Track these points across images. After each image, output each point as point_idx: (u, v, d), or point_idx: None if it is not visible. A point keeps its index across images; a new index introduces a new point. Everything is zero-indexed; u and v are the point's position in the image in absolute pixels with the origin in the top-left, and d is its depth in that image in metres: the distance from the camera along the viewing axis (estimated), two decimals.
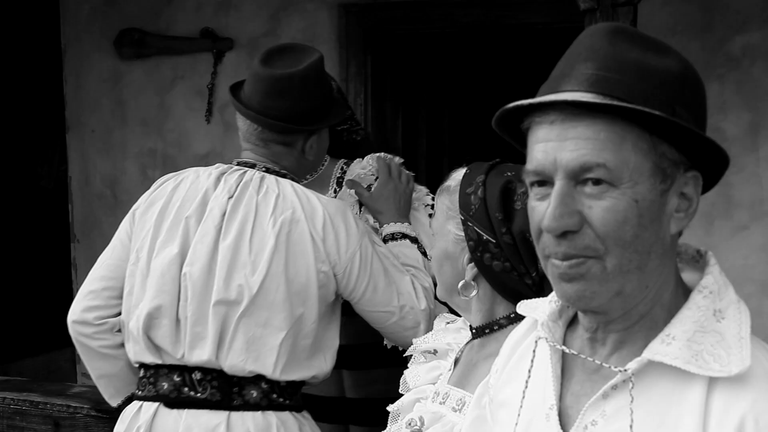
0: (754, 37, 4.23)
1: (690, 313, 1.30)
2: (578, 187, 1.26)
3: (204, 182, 2.62)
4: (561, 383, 1.40)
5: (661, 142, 1.26)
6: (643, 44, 1.29)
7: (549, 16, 4.46)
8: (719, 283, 1.33)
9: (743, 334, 1.28)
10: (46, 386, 3.59)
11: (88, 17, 5.22)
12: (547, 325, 1.43)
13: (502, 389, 1.54)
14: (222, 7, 5.02)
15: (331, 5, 4.82)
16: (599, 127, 1.25)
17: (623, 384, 1.30)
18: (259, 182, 2.59)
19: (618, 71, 1.26)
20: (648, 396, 1.29)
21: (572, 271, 1.29)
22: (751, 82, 4.23)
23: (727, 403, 1.24)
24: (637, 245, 1.27)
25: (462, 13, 4.65)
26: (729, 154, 1.30)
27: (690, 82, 1.30)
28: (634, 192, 1.25)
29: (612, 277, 1.28)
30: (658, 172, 1.26)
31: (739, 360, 1.25)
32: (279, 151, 2.65)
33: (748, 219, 4.28)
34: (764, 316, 4.23)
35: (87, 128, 5.31)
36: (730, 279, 1.38)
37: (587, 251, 1.27)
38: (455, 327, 2.26)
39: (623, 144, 1.25)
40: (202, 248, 2.53)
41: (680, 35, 4.29)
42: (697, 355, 1.26)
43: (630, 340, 1.34)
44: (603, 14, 2.88)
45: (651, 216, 1.27)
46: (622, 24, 1.36)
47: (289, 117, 2.58)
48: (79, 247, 5.39)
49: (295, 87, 2.56)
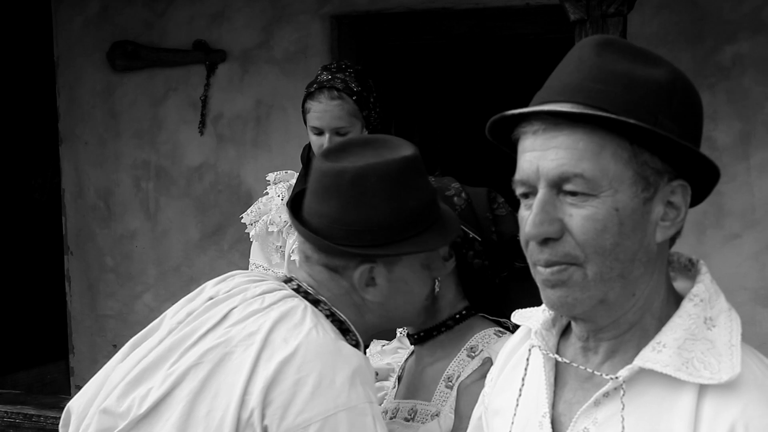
0: (743, 47, 4.25)
1: (681, 321, 1.31)
2: (560, 196, 1.28)
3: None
4: (554, 391, 1.41)
5: (642, 151, 1.26)
6: (632, 55, 1.30)
7: (540, 27, 4.49)
8: (710, 292, 1.34)
9: (734, 342, 1.29)
10: (40, 399, 3.59)
11: (81, 30, 5.23)
12: (541, 333, 1.44)
13: (497, 397, 1.55)
14: (214, 19, 5.03)
15: (323, 17, 4.84)
16: (578, 136, 1.26)
17: (615, 392, 1.31)
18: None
19: (602, 81, 1.27)
20: (639, 403, 1.29)
21: (554, 278, 1.30)
22: (742, 92, 4.26)
23: (718, 411, 1.25)
24: (617, 253, 1.27)
25: (454, 25, 4.67)
26: (720, 163, 1.31)
27: (680, 92, 1.29)
28: (614, 200, 1.26)
29: (593, 285, 1.29)
30: (640, 180, 1.27)
31: (730, 367, 1.25)
32: (320, 274, 1.90)
33: (740, 227, 4.30)
34: (757, 324, 4.24)
35: (80, 140, 5.32)
36: (722, 287, 1.38)
37: (568, 258, 1.28)
38: (391, 348, 2.29)
39: (602, 153, 1.26)
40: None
41: (671, 45, 4.31)
42: (688, 362, 1.27)
43: (622, 348, 1.35)
44: (593, 25, 2.91)
45: (633, 224, 1.27)
46: (613, 36, 1.37)
47: (328, 227, 1.84)
48: (73, 260, 5.39)
49: (344, 186, 1.81)
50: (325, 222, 1.83)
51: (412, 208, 1.83)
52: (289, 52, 4.92)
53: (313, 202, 1.87)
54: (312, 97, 3.24)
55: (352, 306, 1.89)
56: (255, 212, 3.39)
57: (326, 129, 3.20)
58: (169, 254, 5.16)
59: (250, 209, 3.41)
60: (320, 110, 3.20)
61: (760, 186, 4.26)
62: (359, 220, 1.80)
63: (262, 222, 3.35)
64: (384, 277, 1.86)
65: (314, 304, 1.84)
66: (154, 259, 5.21)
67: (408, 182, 1.84)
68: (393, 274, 1.86)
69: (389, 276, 1.86)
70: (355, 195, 1.80)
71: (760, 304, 4.27)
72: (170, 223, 5.20)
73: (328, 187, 1.83)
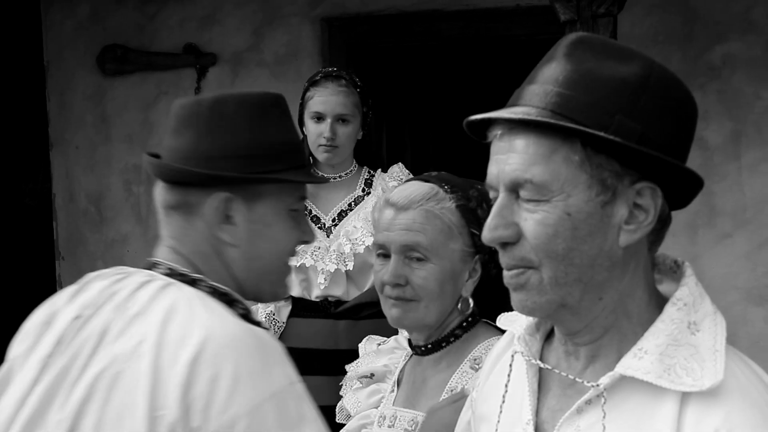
0: (733, 47, 4.27)
1: (663, 326, 1.28)
2: (519, 200, 1.27)
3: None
4: (538, 398, 1.39)
5: (597, 154, 1.23)
6: (605, 53, 1.27)
7: (530, 28, 4.49)
8: (694, 295, 1.31)
9: (718, 347, 1.26)
10: None
11: (71, 34, 5.22)
12: (524, 338, 1.42)
13: (483, 403, 1.54)
14: (205, 22, 5.02)
15: (314, 19, 4.83)
16: (530, 141, 1.25)
17: (597, 399, 1.29)
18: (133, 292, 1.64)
19: (562, 84, 1.25)
20: (621, 410, 1.27)
21: (514, 281, 1.30)
22: (732, 91, 4.27)
23: (700, 418, 1.22)
24: (572, 258, 1.25)
25: (444, 26, 4.67)
26: (711, 162, 1.30)
27: (652, 89, 1.26)
28: (566, 205, 1.24)
29: (550, 289, 1.27)
30: (596, 184, 1.24)
31: (712, 374, 1.23)
32: (179, 227, 1.70)
33: (731, 227, 4.31)
34: (749, 324, 4.25)
35: (71, 145, 5.30)
36: (714, 287, 1.37)
37: (524, 262, 1.27)
38: (388, 348, 2.21)
39: (552, 157, 1.24)
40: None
41: (661, 45, 4.32)
42: (670, 369, 1.24)
43: (602, 353, 1.33)
44: (583, 25, 2.91)
45: (589, 229, 1.25)
46: (590, 35, 1.33)
47: (182, 161, 1.68)
48: (64, 265, 5.37)
49: (201, 114, 1.69)
50: (179, 156, 1.67)
51: (273, 142, 1.69)
52: (279, 55, 4.91)
53: (168, 140, 1.72)
54: (316, 85, 3.27)
55: (216, 259, 1.69)
56: None
57: (329, 114, 3.22)
58: None
59: None
60: (326, 95, 3.23)
61: (752, 185, 4.27)
62: (215, 147, 1.66)
63: None
64: (243, 214, 1.67)
65: (193, 285, 1.64)
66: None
67: (270, 115, 1.73)
68: (253, 213, 1.68)
69: (249, 215, 1.68)
70: (213, 121, 1.67)
71: (752, 303, 4.27)
72: None
73: (183, 118, 1.70)
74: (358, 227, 3.24)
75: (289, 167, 1.70)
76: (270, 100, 1.74)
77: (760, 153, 4.25)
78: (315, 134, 3.25)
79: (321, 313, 3.30)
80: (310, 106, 3.26)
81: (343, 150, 3.28)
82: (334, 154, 3.26)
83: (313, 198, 3.33)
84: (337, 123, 3.23)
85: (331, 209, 3.33)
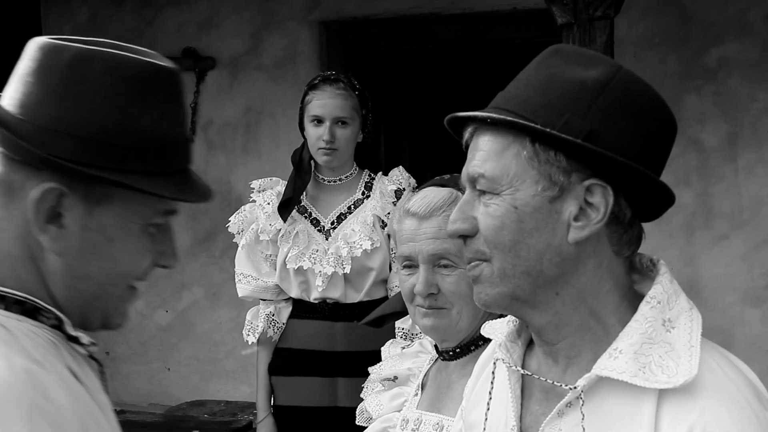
0: (729, 49, 4.29)
1: (637, 326, 1.29)
2: (479, 196, 1.32)
3: None
4: (521, 403, 1.41)
5: (546, 150, 1.26)
6: (574, 60, 1.30)
7: (527, 31, 4.51)
8: (668, 292, 1.32)
9: (693, 343, 1.27)
10: None
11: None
12: (505, 345, 1.43)
13: (472, 411, 1.54)
14: (203, 26, 5.04)
15: (311, 23, 4.85)
16: (488, 138, 1.30)
17: (576, 401, 1.30)
18: None
19: (525, 87, 1.30)
20: (601, 412, 1.28)
21: (470, 274, 1.33)
22: (728, 93, 4.29)
23: (676, 415, 1.23)
24: (519, 251, 1.28)
25: (442, 29, 4.69)
26: (708, 164, 1.31)
27: (612, 91, 1.28)
28: (513, 198, 1.27)
29: (499, 281, 1.30)
30: (543, 179, 1.27)
31: (687, 370, 1.24)
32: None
33: (729, 228, 4.33)
34: (746, 325, 4.27)
35: None
36: (711, 289, 1.38)
37: (479, 255, 1.31)
38: (412, 351, 2.20)
39: (504, 153, 1.28)
40: None
41: (657, 48, 4.34)
42: (645, 367, 1.25)
43: (579, 356, 1.34)
44: (580, 28, 2.92)
45: (536, 223, 1.28)
46: (568, 45, 1.38)
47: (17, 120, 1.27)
48: None
49: (57, 66, 1.28)
50: (17, 111, 1.27)
51: (144, 132, 1.27)
52: (277, 59, 4.93)
53: (10, 88, 1.32)
54: (315, 88, 3.29)
55: (26, 263, 1.28)
56: (241, 220, 3.40)
57: (328, 117, 3.24)
58: None
59: (236, 218, 3.41)
60: (324, 98, 3.25)
61: (748, 187, 4.29)
62: (62, 117, 1.24)
63: (252, 230, 3.35)
64: (77, 218, 1.26)
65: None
66: None
67: (151, 94, 1.29)
68: (92, 219, 1.27)
69: (85, 220, 1.27)
70: (68, 81, 1.25)
71: (749, 304, 4.29)
72: None
73: (35, 65, 1.29)
74: (356, 230, 3.25)
75: (158, 170, 1.29)
76: (157, 74, 1.29)
77: (756, 154, 4.27)
78: (314, 137, 3.27)
79: (319, 314, 3.32)
80: (309, 110, 3.28)
81: (343, 153, 3.30)
82: (334, 157, 3.28)
83: (313, 200, 3.35)
84: (335, 126, 3.25)
85: (331, 212, 3.34)
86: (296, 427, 3.36)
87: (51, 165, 1.23)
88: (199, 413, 4.78)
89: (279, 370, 3.38)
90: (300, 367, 3.33)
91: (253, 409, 3.56)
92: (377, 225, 3.26)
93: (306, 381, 3.32)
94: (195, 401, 5.03)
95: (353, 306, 3.28)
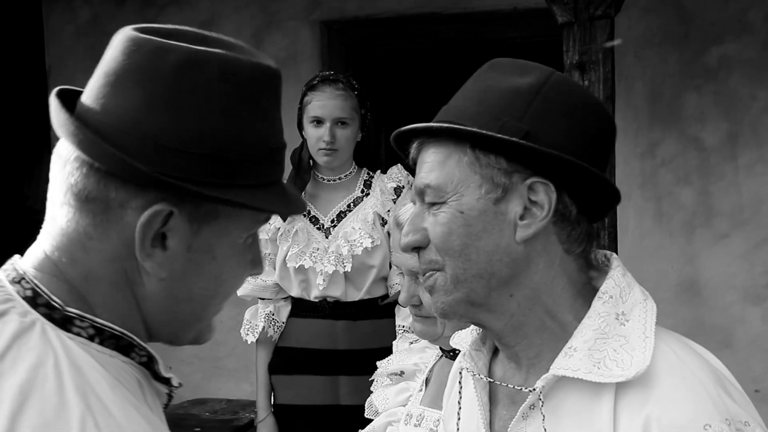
0: (729, 48, 4.29)
1: (590, 322, 1.30)
2: (429, 208, 1.34)
3: None
4: (489, 409, 1.42)
5: (486, 154, 1.29)
6: (509, 71, 1.35)
7: (528, 31, 4.52)
8: (621, 286, 1.33)
9: (648, 333, 1.28)
10: None
11: (72, 38, 5.24)
12: (470, 354, 1.45)
13: (449, 421, 1.56)
14: (205, 26, 5.03)
15: (312, 23, 4.86)
16: (431, 150, 1.34)
17: (539, 402, 1.31)
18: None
19: (463, 98, 1.35)
20: (562, 411, 1.30)
21: (426, 285, 1.35)
22: (728, 92, 4.30)
23: (632, 407, 1.24)
24: (469, 254, 1.30)
25: (442, 29, 4.70)
26: (708, 163, 1.32)
27: (545, 94, 1.31)
28: (459, 204, 1.30)
29: (454, 287, 1.32)
30: (486, 182, 1.30)
31: (641, 361, 1.25)
32: (81, 230, 1.16)
33: (729, 227, 4.33)
34: (747, 324, 4.27)
35: None
36: (711, 287, 1.39)
37: (432, 265, 1.34)
38: (419, 347, 2.22)
39: (447, 162, 1.32)
40: None
41: (657, 47, 4.35)
42: (600, 363, 1.27)
43: (539, 355, 1.35)
44: (580, 27, 2.93)
45: (483, 225, 1.30)
46: (504, 59, 1.42)
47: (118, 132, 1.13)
48: None
49: (162, 70, 1.14)
50: (114, 122, 1.12)
51: (256, 141, 1.17)
52: (278, 58, 4.94)
53: (101, 90, 1.16)
54: (314, 89, 3.30)
55: (123, 290, 1.16)
56: None
57: (328, 118, 3.25)
58: None
59: None
60: (324, 99, 3.26)
61: (749, 186, 4.29)
62: (172, 128, 1.11)
63: None
64: (182, 239, 1.14)
65: (64, 326, 1.11)
66: None
67: (259, 101, 1.18)
68: (198, 239, 1.15)
69: (191, 240, 1.15)
70: (178, 89, 1.12)
71: (750, 303, 4.30)
72: None
73: (134, 67, 1.14)
74: (357, 228, 3.26)
75: (265, 181, 1.19)
76: (267, 77, 1.20)
77: (756, 153, 4.28)
78: (314, 138, 3.28)
79: (320, 313, 3.33)
80: (308, 111, 3.29)
81: (343, 153, 3.31)
82: (334, 158, 3.29)
83: (312, 199, 3.36)
84: (335, 126, 3.26)
85: (330, 210, 3.35)
86: (298, 425, 3.37)
87: (160, 184, 1.10)
88: (200, 411, 4.79)
89: (280, 369, 3.39)
90: (301, 365, 3.35)
91: (254, 407, 3.57)
92: (377, 222, 3.27)
93: (308, 380, 3.33)
94: (196, 399, 5.04)
95: (353, 304, 3.29)
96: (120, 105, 1.12)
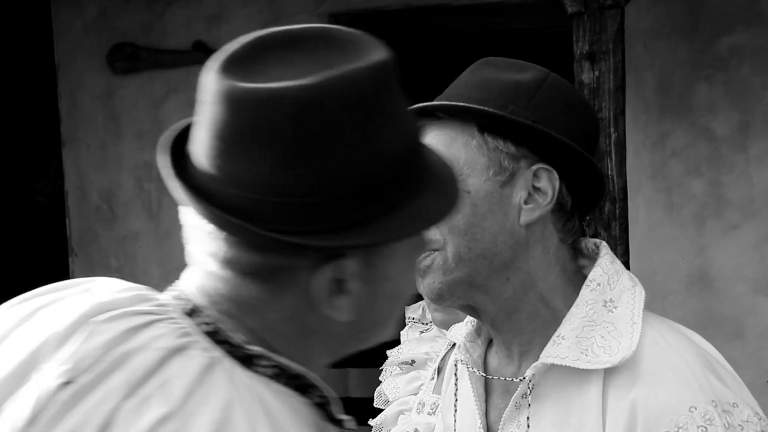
0: (740, 38, 4.27)
1: (577, 310, 1.32)
2: None
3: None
4: (485, 400, 1.43)
5: (495, 138, 1.33)
6: (505, 67, 1.39)
7: (537, 22, 4.50)
8: (609, 273, 1.35)
9: (635, 319, 1.30)
10: None
11: (81, 33, 5.25)
12: (465, 346, 1.46)
13: (447, 413, 1.57)
14: (213, 19, 5.05)
15: (321, 15, 4.85)
16: (434, 134, 1.37)
17: (530, 391, 1.33)
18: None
19: (463, 87, 1.39)
20: (553, 399, 1.31)
21: (422, 266, 1.35)
22: (739, 82, 4.28)
23: (619, 392, 1.26)
24: (474, 233, 1.32)
25: (450, 21, 4.69)
26: (718, 154, 1.34)
27: (545, 89, 1.36)
28: (465, 184, 1.32)
29: (454, 266, 1.33)
30: (493, 165, 1.33)
31: (627, 347, 1.26)
32: (247, 294, 1.07)
33: (740, 218, 4.32)
34: (758, 315, 4.26)
35: (82, 143, 5.33)
36: (722, 278, 1.40)
37: (432, 244, 1.33)
38: (430, 336, 2.23)
39: (453, 143, 1.35)
40: None
41: (667, 37, 4.33)
42: (587, 350, 1.28)
43: (531, 344, 1.37)
44: (590, 18, 2.92)
45: (489, 206, 1.32)
46: (496, 57, 1.47)
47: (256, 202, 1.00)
48: (78, 261, 5.41)
49: (282, 123, 0.99)
50: (248, 192, 0.99)
51: (396, 152, 1.03)
52: None
53: (220, 158, 1.00)
54: None
55: (305, 338, 1.10)
56: None
57: None
58: (172, 254, 5.18)
59: None
60: None
61: (759, 176, 4.27)
62: (313, 183, 0.98)
63: None
64: (360, 278, 1.04)
65: (247, 364, 1.04)
66: (158, 260, 5.22)
67: (393, 106, 1.06)
68: (373, 270, 1.06)
69: (367, 274, 1.05)
70: (305, 139, 0.98)
71: (761, 293, 4.28)
72: (173, 223, 5.19)
73: (249, 127, 0.99)
74: None
75: (416, 181, 1.05)
76: (387, 75, 1.09)
77: (767, 144, 4.26)
78: None
79: None
80: None
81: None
82: None
83: None
84: None
85: None
86: None
87: (320, 249, 1.01)
88: None
89: None
90: None
91: None
92: None
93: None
94: None
95: None
96: (247, 171, 0.98)
